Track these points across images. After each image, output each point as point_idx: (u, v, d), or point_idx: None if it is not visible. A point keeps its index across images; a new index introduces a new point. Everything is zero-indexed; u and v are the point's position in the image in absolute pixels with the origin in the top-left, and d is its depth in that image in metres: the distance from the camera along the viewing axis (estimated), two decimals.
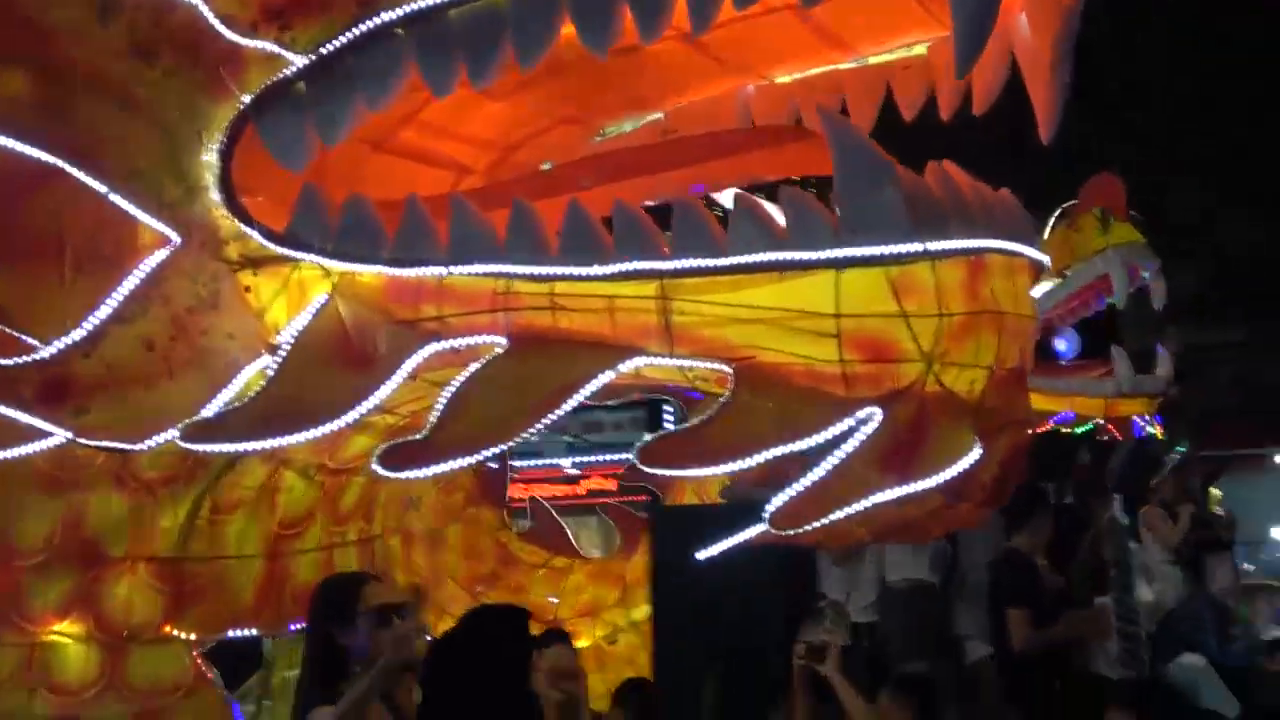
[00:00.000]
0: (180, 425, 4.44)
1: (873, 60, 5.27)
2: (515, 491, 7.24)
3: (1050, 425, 9.99)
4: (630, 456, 4.11)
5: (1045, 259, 4.29)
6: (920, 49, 5.11)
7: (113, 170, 4.56)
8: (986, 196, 4.06)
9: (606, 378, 4.13)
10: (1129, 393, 8.34)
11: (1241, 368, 18.91)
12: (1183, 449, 10.48)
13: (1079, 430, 10.38)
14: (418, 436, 4.13)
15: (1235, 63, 14.58)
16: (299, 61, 4.52)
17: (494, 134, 5.58)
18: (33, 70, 4.56)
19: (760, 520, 4.13)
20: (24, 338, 4.57)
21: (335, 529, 5.71)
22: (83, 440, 4.45)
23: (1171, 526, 9.35)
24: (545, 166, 6.22)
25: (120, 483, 5.11)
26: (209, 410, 4.47)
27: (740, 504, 6.63)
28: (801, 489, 3.99)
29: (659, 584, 6.60)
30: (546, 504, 7.99)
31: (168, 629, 5.11)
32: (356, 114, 4.48)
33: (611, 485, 17.86)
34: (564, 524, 7.82)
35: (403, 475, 4.15)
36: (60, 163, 4.51)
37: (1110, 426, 9.20)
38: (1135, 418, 9.09)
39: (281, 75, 4.55)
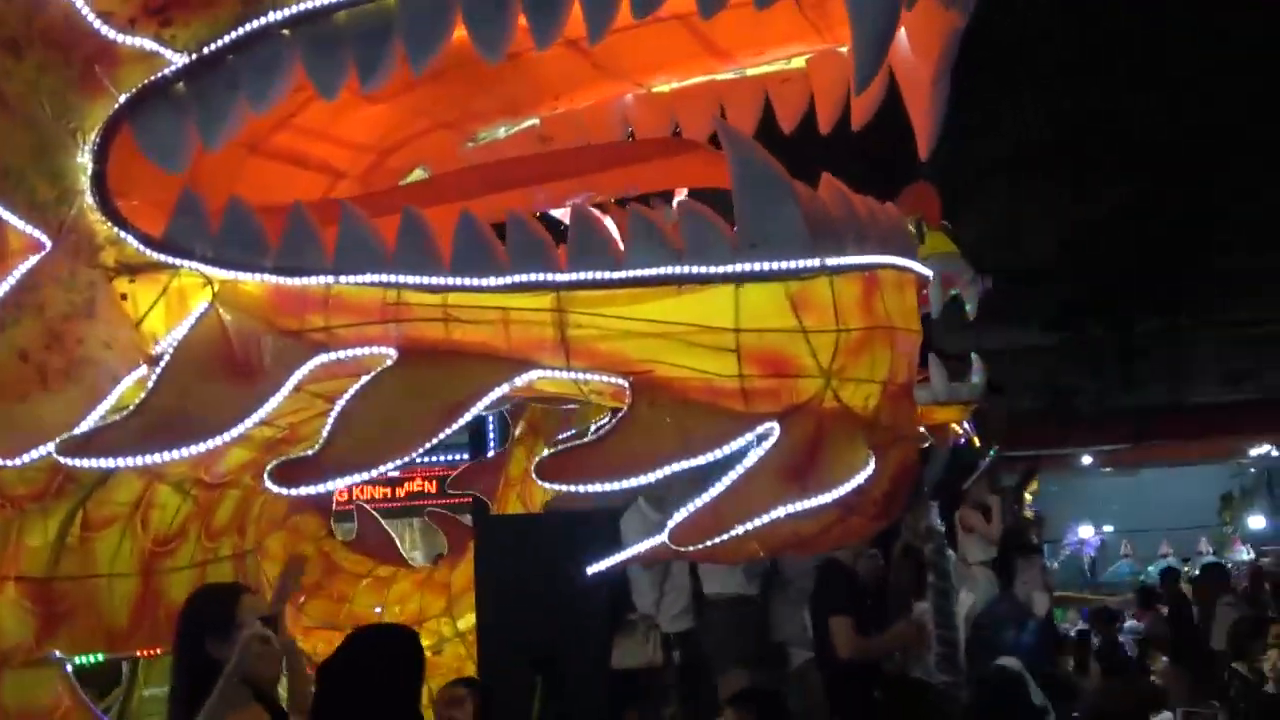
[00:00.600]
0: (57, 440, 4.37)
1: (750, 71, 5.36)
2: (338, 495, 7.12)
3: None
4: (449, 458, 4.06)
5: (929, 273, 4.33)
6: (799, 61, 5.26)
7: None
8: (875, 211, 4.14)
9: (502, 391, 4.12)
10: (945, 400, 8.49)
11: (1045, 372, 19.63)
12: (994, 453, 10.88)
13: None
14: (308, 452, 3.96)
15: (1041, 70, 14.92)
16: (178, 60, 4.46)
17: (370, 138, 5.53)
18: None
19: (649, 534, 4.12)
20: None
21: (209, 545, 5.66)
22: None
23: (987, 524, 9.72)
24: (419, 172, 6.13)
25: None
26: (86, 424, 4.41)
27: (566, 515, 6.67)
28: (701, 504, 3.96)
29: (485, 593, 6.58)
30: (371, 510, 7.87)
31: (40, 651, 5.06)
32: (239, 116, 4.46)
33: (432, 488, 17.76)
34: (389, 530, 7.71)
35: (294, 492, 4.03)
36: None
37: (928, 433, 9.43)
38: (952, 424, 9.27)
39: (160, 74, 4.48)
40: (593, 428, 6.63)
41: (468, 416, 4.15)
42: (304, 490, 4.15)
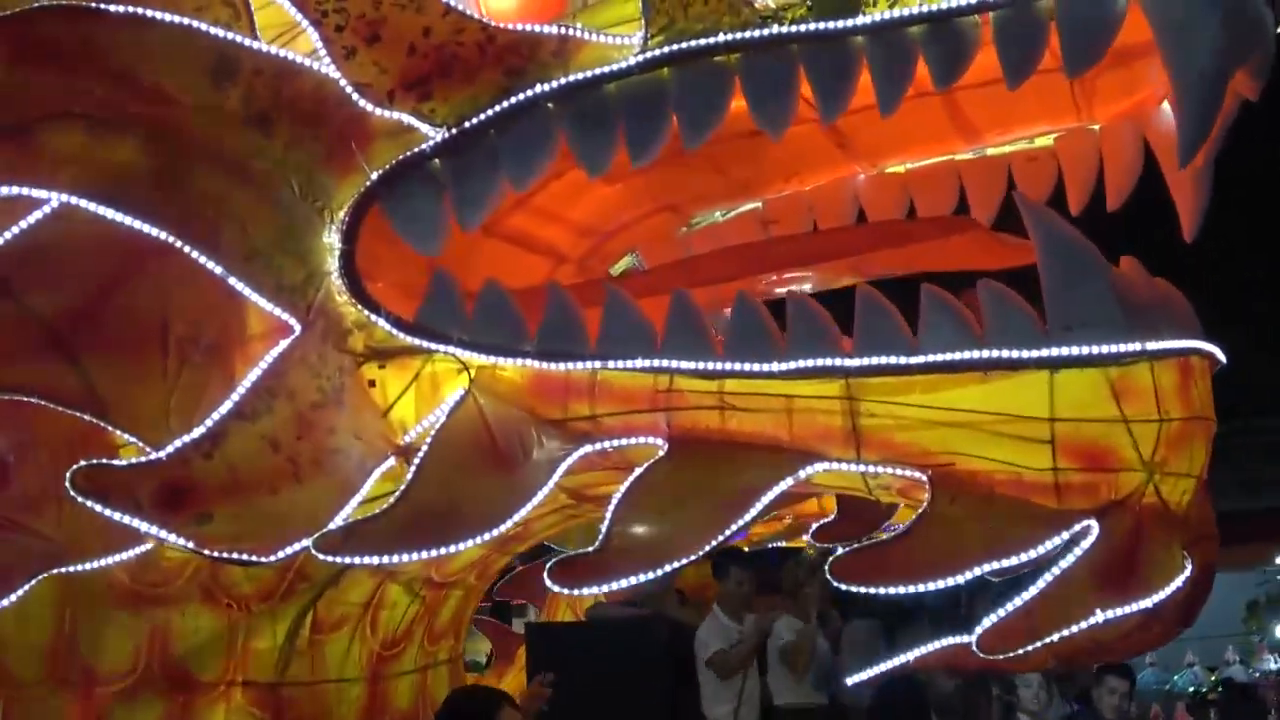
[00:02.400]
0: (314, 536, 4.40)
1: (990, 151, 5.35)
2: None
3: None
4: None
5: (1223, 359, 4.15)
6: (1043, 140, 5.24)
7: (229, 250, 4.49)
8: (1169, 293, 4.28)
9: (785, 485, 4.07)
10: None
11: None
12: None
13: None
14: (589, 550, 3.81)
15: None
16: (435, 135, 4.53)
17: (596, 221, 5.59)
18: (144, 138, 4.48)
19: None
20: (125, 436, 4.16)
21: (429, 648, 5.72)
22: (206, 553, 4.46)
23: None
24: (630, 259, 5.99)
25: (210, 598, 5.03)
26: (339, 518, 4.45)
27: (622, 622, 6.53)
28: (1013, 610, 3.72)
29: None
30: None
31: None
32: (498, 194, 4.66)
33: None
34: None
35: (575, 592, 3.83)
36: (173, 240, 4.44)
37: None
38: None
39: (418, 150, 4.53)
40: None
41: (751, 514, 4.04)
42: (586, 590, 3.95)
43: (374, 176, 4.56)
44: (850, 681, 4.90)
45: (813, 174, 5.79)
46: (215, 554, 4.36)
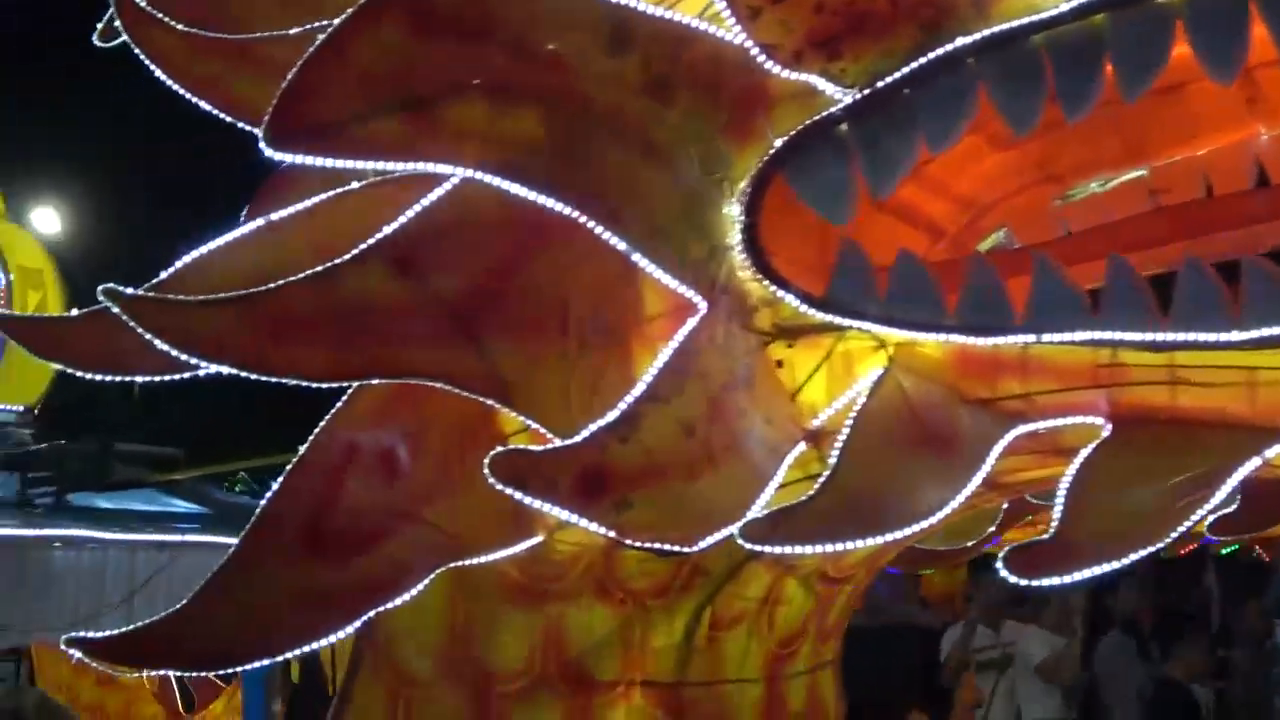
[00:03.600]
0: (739, 525, 4.29)
1: None
2: None
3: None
4: None
5: None
6: None
7: (633, 224, 4.43)
8: None
9: (1250, 467, 3.72)
10: None
11: None
12: None
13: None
14: (1044, 537, 3.51)
15: None
16: (843, 97, 4.36)
17: (979, 191, 5.35)
18: (545, 108, 4.43)
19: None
20: (528, 422, 4.57)
21: (820, 647, 5.54)
22: (627, 542, 4.44)
23: None
24: (999, 235, 5.68)
25: (604, 594, 4.99)
26: (758, 506, 4.35)
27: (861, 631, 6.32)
28: None
29: None
30: None
31: None
32: (913, 158, 4.41)
33: None
34: None
35: (1034, 582, 3.61)
36: (577, 215, 4.39)
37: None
38: None
39: (825, 113, 4.38)
40: None
41: (1214, 500, 3.64)
42: (1046, 581, 3.71)
43: (777, 144, 4.47)
44: None
45: (1213, 135, 5.46)
46: (637, 543, 4.32)
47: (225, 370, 4.40)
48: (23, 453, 9.68)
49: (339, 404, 4.86)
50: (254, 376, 4.39)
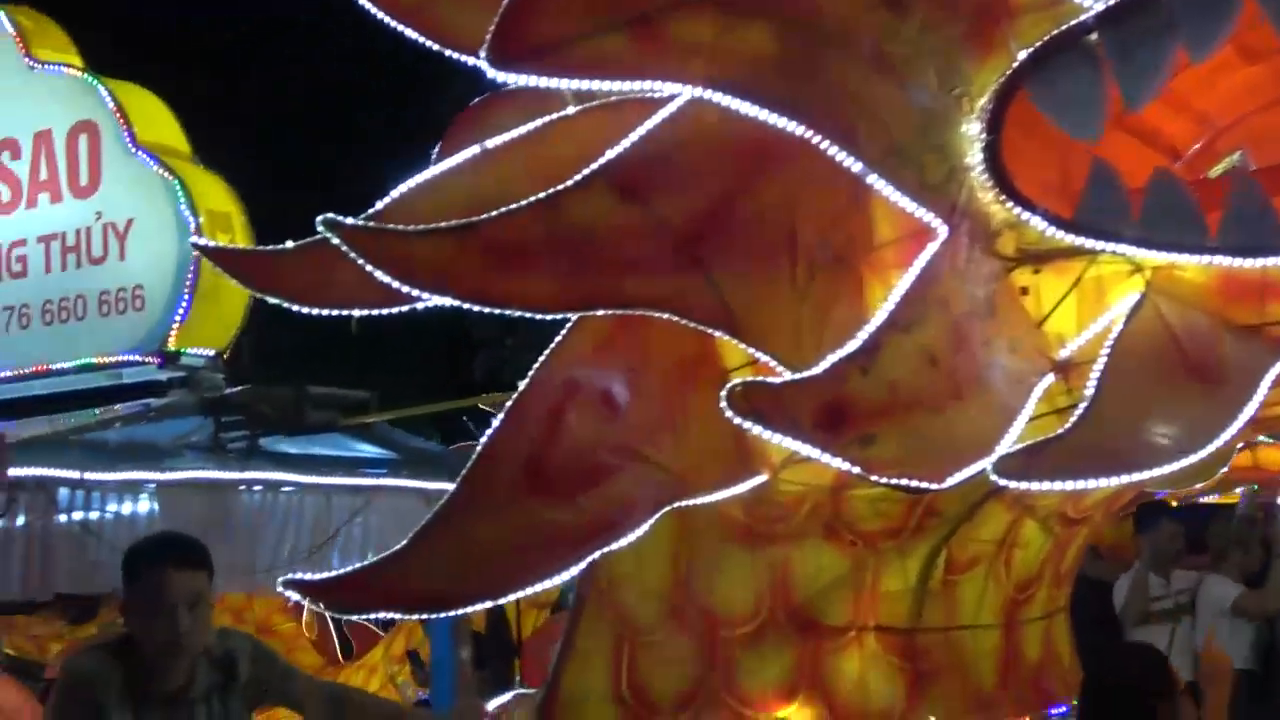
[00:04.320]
0: (991, 459, 4.10)
1: None
2: None
3: None
4: None
5: None
6: None
7: (869, 145, 4.24)
8: None
9: None
10: None
11: None
12: None
13: None
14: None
15: None
16: (1093, 4, 4.11)
17: (1220, 111, 5.14)
18: (775, 22, 4.24)
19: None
20: (757, 354, 4.38)
21: (1055, 592, 5.32)
22: (873, 477, 4.21)
23: None
24: (1233, 158, 5.39)
25: (833, 535, 4.81)
26: (1007, 440, 4.13)
27: None
28: None
29: None
30: None
31: (917, 716, 4.82)
32: (1170, 68, 4.13)
33: None
34: None
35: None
36: (810, 135, 4.18)
37: None
38: None
39: (1075, 22, 4.13)
40: None
41: None
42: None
43: (1021, 56, 4.25)
44: None
45: None
46: (882, 479, 4.17)
47: (446, 302, 4.33)
48: (217, 397, 9.78)
49: (558, 339, 4.74)
50: (475, 308, 4.32)
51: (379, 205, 4.71)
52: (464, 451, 13.88)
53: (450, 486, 9.80)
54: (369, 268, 4.17)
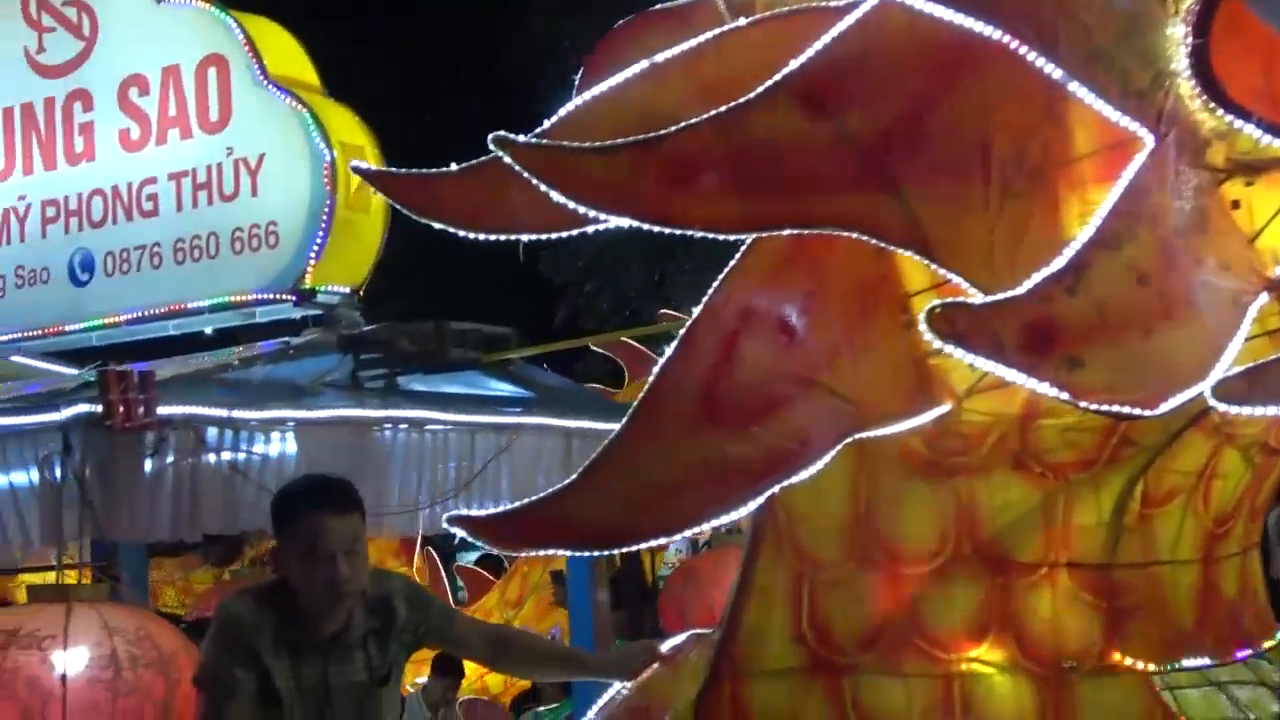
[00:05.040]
0: (1207, 384, 3.88)
1: None
2: None
3: None
4: None
5: None
6: None
7: (1069, 49, 4.02)
8: None
9: None
10: None
11: None
12: None
13: None
14: None
15: None
16: None
17: None
18: None
19: None
20: (949, 275, 4.17)
21: (1250, 526, 5.03)
22: (1081, 403, 3.97)
23: None
24: None
25: (1021, 467, 4.61)
26: (1225, 363, 3.91)
27: None
28: None
29: None
30: None
31: (1110, 657, 4.61)
32: None
33: None
34: None
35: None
36: (1007, 40, 4.00)
37: None
38: None
39: None
40: None
41: None
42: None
43: None
44: None
45: None
46: (1090, 405, 3.95)
47: (623, 223, 4.19)
48: (355, 334, 9.72)
49: (731, 264, 4.56)
50: (654, 229, 4.18)
51: (546, 124, 4.59)
52: (598, 392, 13.91)
53: (594, 425, 9.84)
54: (543, 188, 4.06)
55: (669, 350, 4.57)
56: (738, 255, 4.63)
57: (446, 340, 9.41)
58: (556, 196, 4.09)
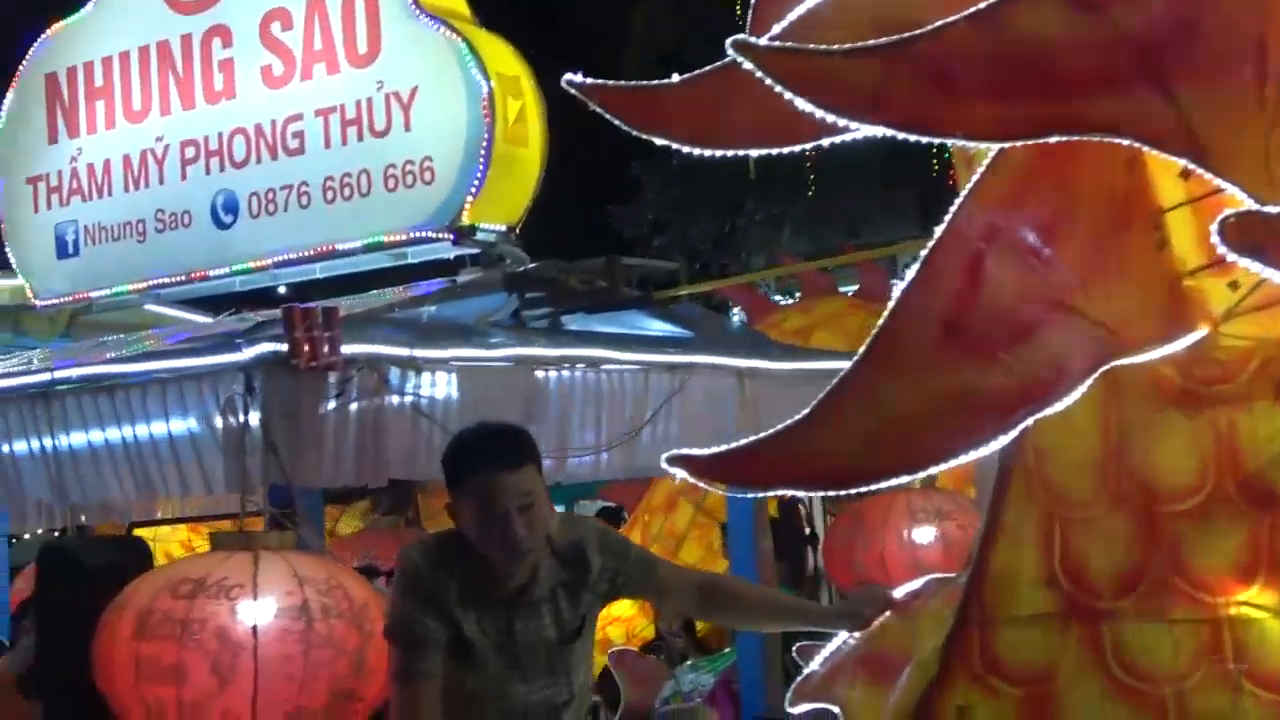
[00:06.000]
0: None
1: None
2: None
3: None
4: None
5: None
6: None
7: None
8: None
9: None
10: None
11: None
12: None
13: None
14: None
15: None
16: None
17: None
18: None
19: None
20: (1223, 184, 3.92)
21: None
22: None
23: None
24: None
25: None
26: None
27: None
28: None
29: None
30: None
31: None
32: None
33: None
34: None
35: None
36: None
37: None
38: None
39: None
40: None
41: None
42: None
43: None
44: None
45: None
46: None
47: (875, 131, 3.98)
48: (521, 271, 9.52)
49: (973, 180, 4.34)
50: (910, 137, 3.96)
51: (776, 28, 4.39)
52: (761, 332, 13.71)
53: (767, 365, 9.63)
54: (787, 95, 3.86)
55: (910, 274, 4.37)
56: (979, 172, 4.41)
57: (619, 276, 9.22)
58: (802, 104, 3.89)
